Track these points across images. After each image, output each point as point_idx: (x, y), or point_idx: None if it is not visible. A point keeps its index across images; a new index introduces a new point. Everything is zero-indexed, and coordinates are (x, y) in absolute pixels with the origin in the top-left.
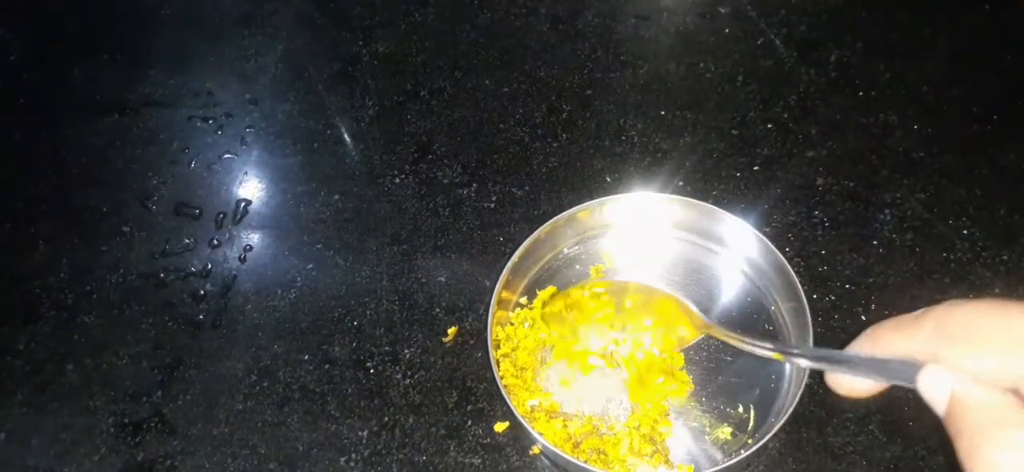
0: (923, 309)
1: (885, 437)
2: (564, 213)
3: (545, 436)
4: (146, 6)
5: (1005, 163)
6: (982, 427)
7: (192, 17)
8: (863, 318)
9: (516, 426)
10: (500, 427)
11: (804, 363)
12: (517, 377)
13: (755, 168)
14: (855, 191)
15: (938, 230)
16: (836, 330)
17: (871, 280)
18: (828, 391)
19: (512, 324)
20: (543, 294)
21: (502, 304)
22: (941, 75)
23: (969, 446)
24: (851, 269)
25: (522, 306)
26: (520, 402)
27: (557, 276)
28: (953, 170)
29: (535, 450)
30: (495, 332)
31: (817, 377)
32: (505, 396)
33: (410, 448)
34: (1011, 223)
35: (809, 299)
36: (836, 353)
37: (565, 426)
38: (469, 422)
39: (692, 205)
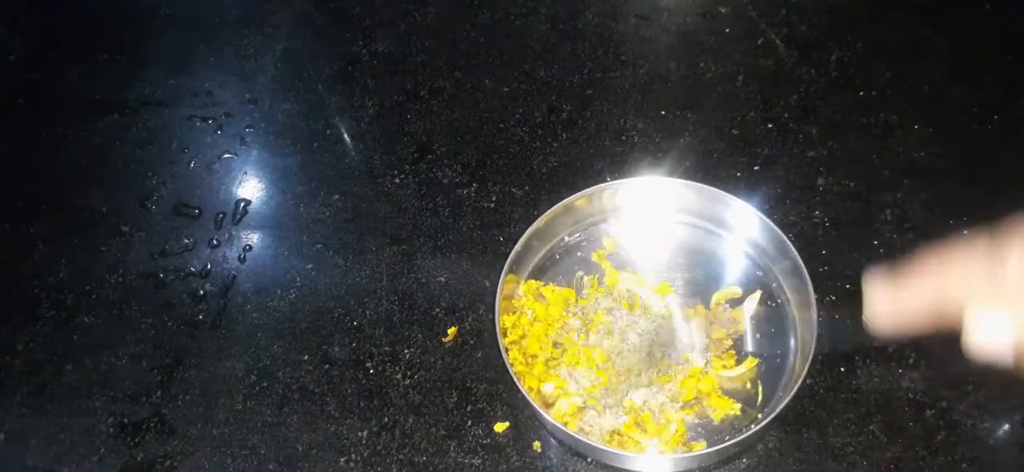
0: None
1: (885, 437)
2: (565, 200)
3: (558, 419)
4: (146, 6)
5: (1005, 163)
6: None
7: (192, 17)
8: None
9: (528, 412)
10: (500, 427)
11: None
12: (526, 366)
13: (755, 168)
14: (855, 191)
15: (938, 230)
16: (837, 330)
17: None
18: (829, 390)
19: (517, 312)
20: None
21: (507, 293)
22: (941, 75)
23: None
24: (852, 269)
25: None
26: (530, 389)
27: (562, 262)
28: (953, 170)
29: (537, 446)
30: (502, 321)
31: (820, 371)
32: (516, 381)
33: (410, 448)
34: (1011, 223)
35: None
36: None
37: (578, 410)
38: (469, 422)
39: (693, 188)
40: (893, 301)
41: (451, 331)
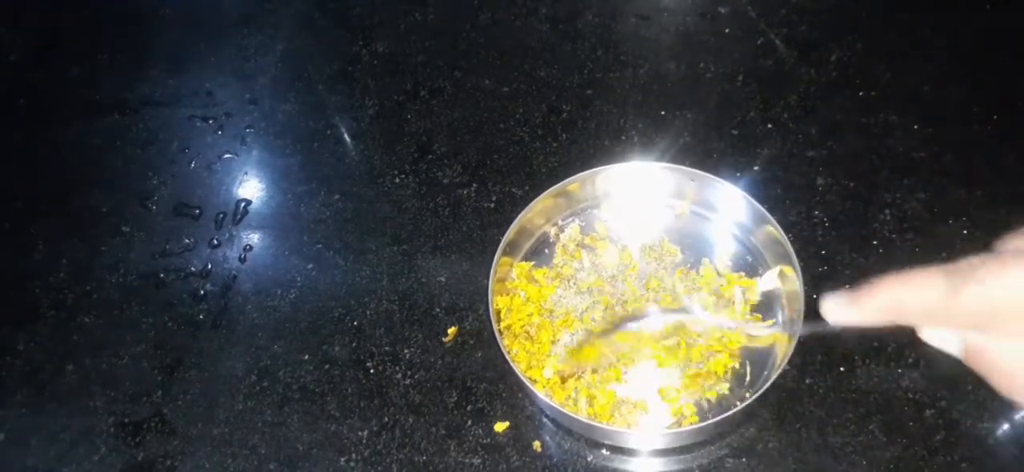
0: (948, 269)
1: (885, 437)
2: (558, 184)
3: (554, 398)
4: (146, 6)
5: (1005, 163)
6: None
7: (192, 17)
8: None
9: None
10: (500, 427)
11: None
12: (513, 338)
13: (755, 168)
14: (855, 191)
15: (938, 230)
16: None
17: (871, 280)
18: (829, 390)
19: (511, 294)
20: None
21: (501, 275)
22: (941, 75)
23: (1006, 380)
24: (851, 269)
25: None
26: (526, 368)
27: (553, 245)
28: (953, 170)
29: (537, 446)
30: (496, 302)
31: (819, 371)
32: (512, 363)
33: (410, 448)
34: (1011, 223)
35: (808, 299)
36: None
37: (573, 388)
38: (469, 422)
39: (683, 172)
40: (853, 302)
41: (451, 331)
